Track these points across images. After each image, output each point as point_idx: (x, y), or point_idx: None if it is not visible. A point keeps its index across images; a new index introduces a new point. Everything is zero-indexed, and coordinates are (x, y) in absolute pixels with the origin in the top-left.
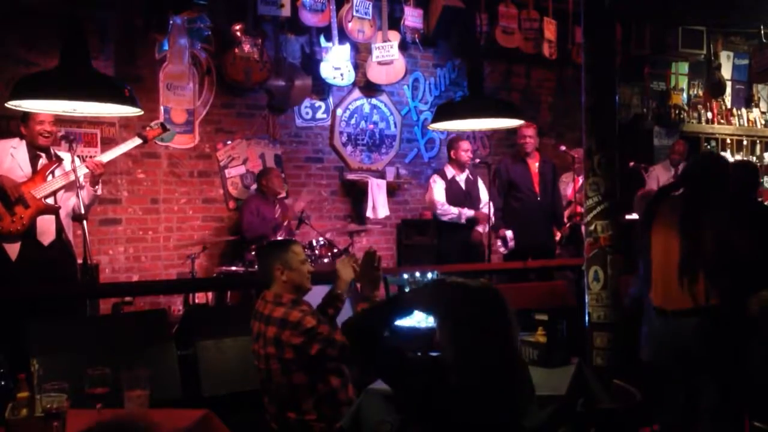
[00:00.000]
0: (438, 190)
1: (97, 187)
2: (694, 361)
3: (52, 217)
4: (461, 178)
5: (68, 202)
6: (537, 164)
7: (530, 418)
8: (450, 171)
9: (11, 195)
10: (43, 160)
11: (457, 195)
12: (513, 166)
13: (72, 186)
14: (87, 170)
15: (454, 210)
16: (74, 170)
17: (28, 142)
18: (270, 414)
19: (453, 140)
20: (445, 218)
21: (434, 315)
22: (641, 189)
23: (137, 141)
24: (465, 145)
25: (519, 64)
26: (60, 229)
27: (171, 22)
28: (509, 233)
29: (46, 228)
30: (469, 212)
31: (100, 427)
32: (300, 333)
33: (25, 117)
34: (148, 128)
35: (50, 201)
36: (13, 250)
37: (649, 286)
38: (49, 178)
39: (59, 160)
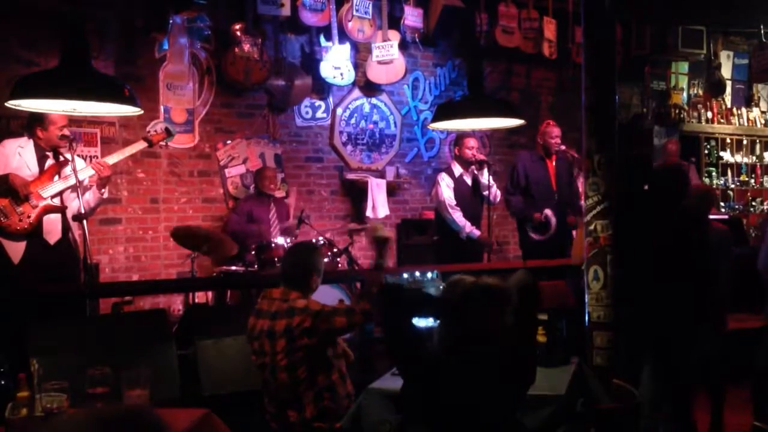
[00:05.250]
0: (446, 189)
1: (103, 190)
2: None
3: (59, 217)
4: (468, 176)
5: (72, 203)
6: (554, 162)
7: (530, 417)
8: (457, 169)
9: (20, 193)
10: (50, 161)
11: (465, 194)
12: (532, 164)
13: (76, 187)
14: (91, 172)
15: (462, 221)
16: (75, 171)
17: (43, 144)
18: (270, 414)
19: (458, 137)
20: (447, 220)
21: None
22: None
23: (143, 144)
24: (470, 142)
25: (519, 63)
26: (66, 228)
27: (171, 21)
28: (549, 211)
29: (52, 227)
30: (476, 232)
31: (105, 416)
32: (309, 315)
33: (41, 120)
34: (153, 132)
35: (56, 201)
36: (19, 248)
37: None
38: (56, 178)
39: (66, 160)
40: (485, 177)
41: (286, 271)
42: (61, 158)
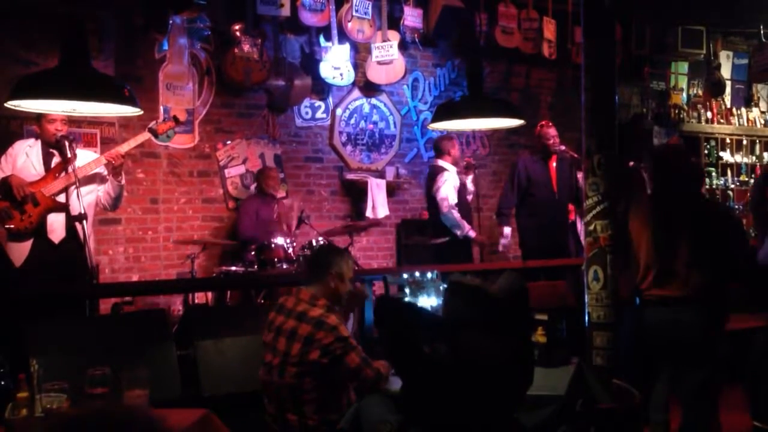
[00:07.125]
0: (451, 189)
1: (120, 177)
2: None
3: (63, 215)
4: (459, 177)
5: (74, 203)
6: (554, 162)
7: (529, 417)
8: (453, 168)
9: (17, 193)
10: (56, 159)
11: (460, 193)
12: (532, 165)
13: (91, 180)
14: (101, 164)
15: (463, 221)
16: (74, 171)
17: (43, 141)
18: (270, 414)
19: (447, 138)
20: (447, 219)
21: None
22: None
23: (147, 135)
24: (457, 143)
25: (519, 64)
26: (71, 227)
27: (171, 21)
28: (507, 230)
29: (56, 226)
30: (472, 233)
31: (93, 416)
32: (333, 335)
33: (39, 116)
34: (159, 123)
35: (62, 199)
36: (25, 248)
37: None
38: (61, 175)
39: (74, 157)
40: (469, 181)
41: (305, 270)
42: (69, 155)
